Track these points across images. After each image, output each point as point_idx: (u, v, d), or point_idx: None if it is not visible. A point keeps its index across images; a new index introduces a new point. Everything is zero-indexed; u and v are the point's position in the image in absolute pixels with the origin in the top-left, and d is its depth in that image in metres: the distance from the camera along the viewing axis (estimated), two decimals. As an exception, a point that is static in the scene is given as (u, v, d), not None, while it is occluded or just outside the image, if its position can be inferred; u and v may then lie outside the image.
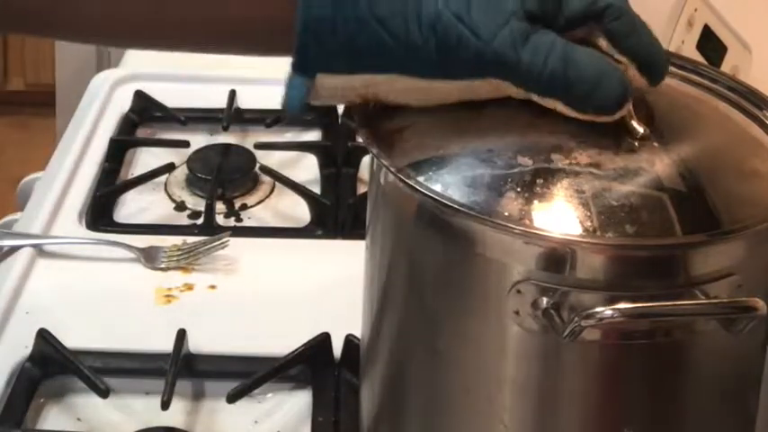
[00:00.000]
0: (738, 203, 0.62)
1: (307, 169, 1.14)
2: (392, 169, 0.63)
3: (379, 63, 0.63)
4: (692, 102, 0.70)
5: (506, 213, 0.59)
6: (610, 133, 0.62)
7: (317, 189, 1.10)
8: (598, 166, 0.61)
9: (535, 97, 0.62)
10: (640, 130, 0.62)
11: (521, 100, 0.63)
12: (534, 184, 0.60)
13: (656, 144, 0.63)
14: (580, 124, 0.62)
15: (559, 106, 0.62)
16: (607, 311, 0.57)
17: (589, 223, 0.58)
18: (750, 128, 0.68)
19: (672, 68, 0.69)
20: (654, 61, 0.64)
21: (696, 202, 0.61)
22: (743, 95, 0.70)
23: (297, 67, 0.64)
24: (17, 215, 1.07)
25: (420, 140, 0.64)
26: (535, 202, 0.59)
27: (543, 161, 0.61)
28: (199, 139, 1.18)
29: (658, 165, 0.62)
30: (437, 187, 0.60)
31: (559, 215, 0.59)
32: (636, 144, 0.62)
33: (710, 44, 0.99)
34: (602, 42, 0.63)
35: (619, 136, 0.62)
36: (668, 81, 0.66)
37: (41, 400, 0.84)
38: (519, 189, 0.60)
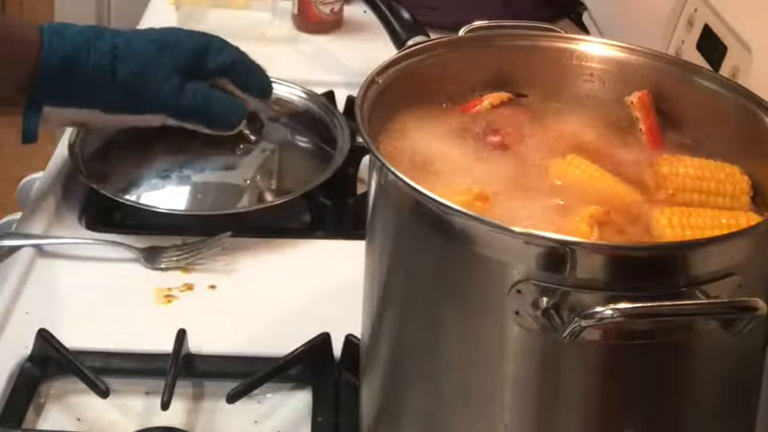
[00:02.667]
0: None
1: (307, 169, 1.14)
2: (392, 169, 0.63)
3: (87, 103, 0.99)
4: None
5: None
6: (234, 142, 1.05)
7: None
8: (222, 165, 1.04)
9: (187, 124, 1.01)
10: (252, 138, 1.06)
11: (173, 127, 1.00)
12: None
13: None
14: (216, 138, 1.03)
15: (202, 128, 1.02)
16: (607, 311, 0.57)
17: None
18: None
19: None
20: (264, 89, 1.05)
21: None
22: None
23: (32, 103, 0.97)
24: (17, 215, 1.06)
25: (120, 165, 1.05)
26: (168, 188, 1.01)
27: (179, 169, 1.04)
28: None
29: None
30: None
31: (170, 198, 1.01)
32: (251, 147, 1.06)
33: (710, 44, 0.99)
34: (230, 86, 1.02)
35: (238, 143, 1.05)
36: None
37: (41, 400, 0.84)
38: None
